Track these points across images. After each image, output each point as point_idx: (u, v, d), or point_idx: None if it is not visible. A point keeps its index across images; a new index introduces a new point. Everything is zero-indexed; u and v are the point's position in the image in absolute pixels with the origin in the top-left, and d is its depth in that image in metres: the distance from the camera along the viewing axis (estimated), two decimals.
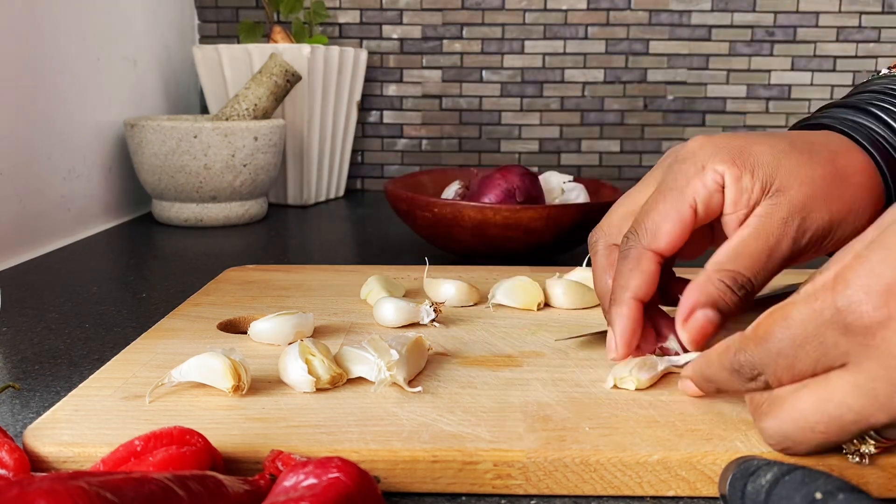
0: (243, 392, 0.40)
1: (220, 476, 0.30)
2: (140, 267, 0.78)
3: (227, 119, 0.98)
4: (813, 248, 0.41)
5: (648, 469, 0.34)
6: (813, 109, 1.03)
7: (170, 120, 0.97)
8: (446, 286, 0.56)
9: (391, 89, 1.25)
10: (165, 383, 0.40)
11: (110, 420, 0.37)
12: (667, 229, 0.41)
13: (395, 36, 1.23)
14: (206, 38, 1.25)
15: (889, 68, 0.49)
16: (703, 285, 0.39)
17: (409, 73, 1.24)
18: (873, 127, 0.44)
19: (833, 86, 1.22)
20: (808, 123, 0.47)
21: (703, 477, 0.34)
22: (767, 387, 0.32)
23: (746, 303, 0.39)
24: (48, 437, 0.35)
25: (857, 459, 0.33)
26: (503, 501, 0.34)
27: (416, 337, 0.44)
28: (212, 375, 0.40)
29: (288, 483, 0.29)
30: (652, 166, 0.47)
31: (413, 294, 0.59)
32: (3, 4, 0.75)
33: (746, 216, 0.41)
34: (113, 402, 0.39)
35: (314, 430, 0.36)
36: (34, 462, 0.34)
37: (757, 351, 0.32)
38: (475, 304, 0.56)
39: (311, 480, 0.29)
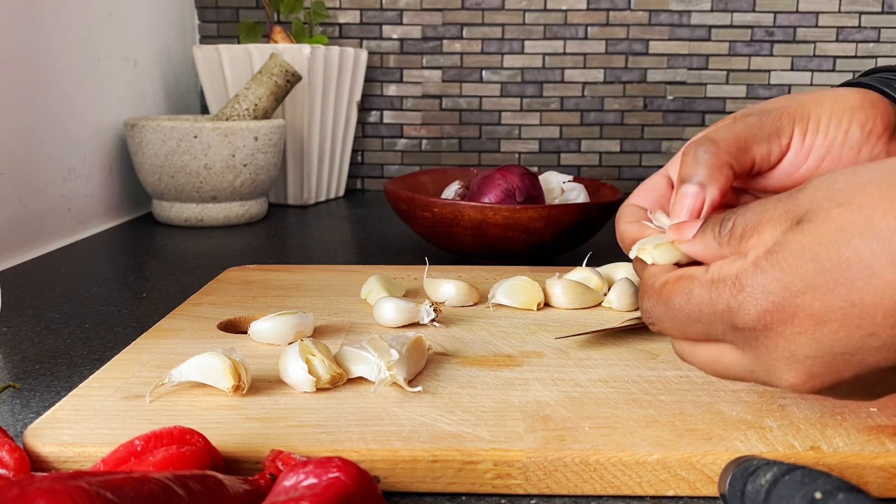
0: (243, 392, 0.40)
1: (221, 476, 0.30)
2: (140, 267, 0.78)
3: (227, 119, 0.98)
4: (795, 131, 0.40)
5: (648, 469, 0.34)
6: None
7: (170, 120, 0.97)
8: (446, 286, 0.56)
9: (391, 89, 1.25)
10: (165, 383, 0.40)
11: (110, 420, 0.37)
12: (640, 189, 0.45)
13: (395, 36, 1.23)
14: (206, 38, 1.25)
15: None
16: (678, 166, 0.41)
17: (409, 73, 1.24)
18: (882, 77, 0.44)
19: (833, 86, 1.22)
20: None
21: (702, 477, 0.34)
22: (660, 332, 0.36)
23: (729, 170, 0.39)
24: (48, 436, 0.35)
25: None
26: (503, 501, 0.34)
27: (417, 337, 0.44)
28: (212, 375, 0.40)
29: (288, 483, 0.29)
30: (652, 166, 0.48)
31: (413, 294, 0.59)
32: (4, 4, 0.75)
33: None
34: (113, 402, 0.39)
35: (314, 430, 0.36)
36: (34, 462, 0.34)
37: (655, 306, 0.35)
38: (475, 304, 0.56)
39: (311, 480, 0.29)
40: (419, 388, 0.40)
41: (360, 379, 0.42)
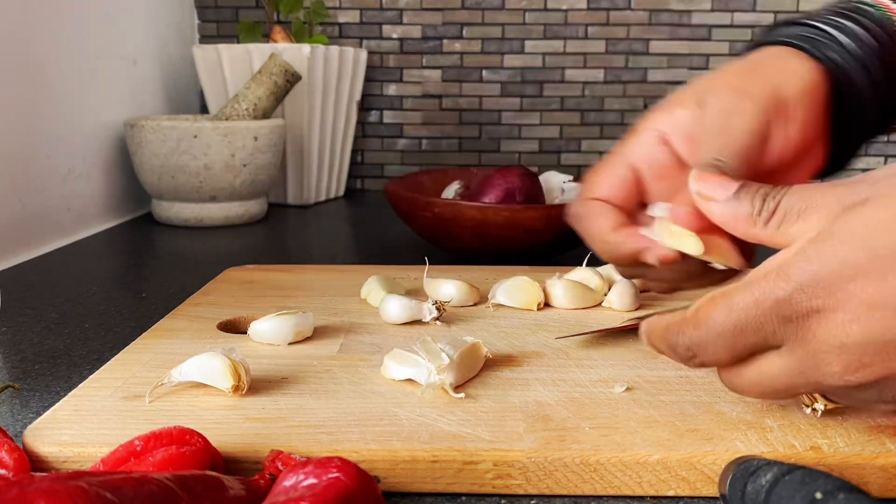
0: (243, 392, 0.40)
1: (220, 476, 0.30)
2: (140, 267, 0.78)
3: (227, 119, 0.98)
4: (773, 112, 0.41)
5: (648, 469, 0.34)
6: None
7: (170, 120, 0.97)
8: (446, 286, 0.56)
9: (391, 89, 1.25)
10: (165, 383, 0.40)
11: (110, 420, 0.37)
12: (602, 180, 0.44)
13: (395, 36, 1.23)
14: (206, 38, 1.25)
15: None
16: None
17: (409, 73, 1.24)
18: (802, 33, 0.45)
19: None
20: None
21: (703, 477, 0.34)
22: (703, 365, 0.34)
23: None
24: (48, 437, 0.35)
25: (809, 412, 0.37)
26: (503, 501, 0.34)
27: (474, 342, 0.43)
28: (212, 375, 0.40)
29: (288, 483, 0.29)
30: None
31: (413, 294, 0.59)
32: (3, 4, 0.75)
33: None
34: (113, 402, 0.39)
35: (314, 430, 0.36)
36: (34, 462, 0.34)
37: (695, 333, 0.33)
38: (475, 304, 0.56)
39: (311, 480, 0.29)
40: (462, 395, 0.40)
41: (361, 378, 0.42)
